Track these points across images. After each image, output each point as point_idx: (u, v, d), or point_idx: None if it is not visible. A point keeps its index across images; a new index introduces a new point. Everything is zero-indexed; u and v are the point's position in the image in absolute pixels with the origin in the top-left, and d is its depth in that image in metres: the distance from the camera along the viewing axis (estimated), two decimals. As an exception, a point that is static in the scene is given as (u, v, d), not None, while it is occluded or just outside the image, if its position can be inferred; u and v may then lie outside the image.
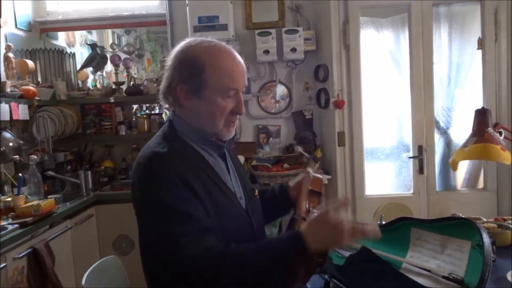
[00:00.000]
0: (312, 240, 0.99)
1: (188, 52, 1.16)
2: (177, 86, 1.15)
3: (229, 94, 1.15)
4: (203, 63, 1.12)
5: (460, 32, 2.98)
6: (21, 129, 3.00)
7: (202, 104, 1.15)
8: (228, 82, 1.14)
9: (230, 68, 1.15)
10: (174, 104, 1.20)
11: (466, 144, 1.68)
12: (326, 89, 3.02)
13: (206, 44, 1.17)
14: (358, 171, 2.95)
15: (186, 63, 1.14)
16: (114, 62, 3.47)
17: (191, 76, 1.13)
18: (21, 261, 2.08)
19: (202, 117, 1.16)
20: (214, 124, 1.17)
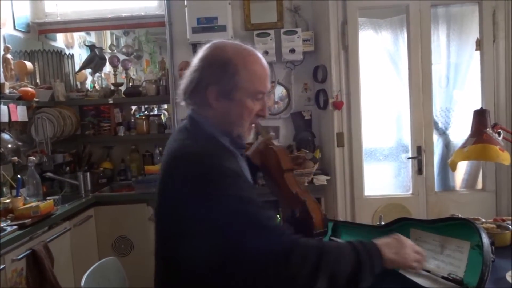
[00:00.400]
0: (388, 255, 1.09)
1: (221, 54, 1.16)
2: (207, 87, 1.15)
3: (258, 97, 1.18)
4: (236, 66, 1.14)
5: (459, 33, 2.98)
6: (19, 130, 2.99)
7: (231, 105, 1.16)
8: (258, 86, 1.17)
9: (260, 72, 1.17)
10: (200, 104, 1.19)
11: (465, 145, 1.68)
12: (325, 90, 3.03)
13: (238, 47, 1.18)
14: (357, 172, 2.95)
15: (218, 65, 1.15)
16: (112, 63, 3.47)
17: (224, 77, 1.14)
18: (20, 263, 2.07)
19: (230, 118, 1.18)
20: (241, 126, 1.19)
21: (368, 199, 2.96)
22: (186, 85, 1.20)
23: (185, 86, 1.21)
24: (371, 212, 2.90)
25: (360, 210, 2.94)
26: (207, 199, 1.03)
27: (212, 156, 1.09)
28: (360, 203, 2.95)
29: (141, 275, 2.92)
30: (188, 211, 1.05)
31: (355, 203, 2.95)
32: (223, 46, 1.18)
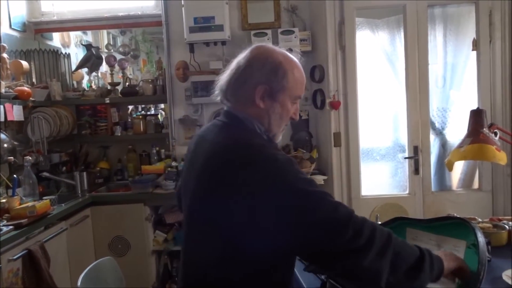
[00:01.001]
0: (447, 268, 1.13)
1: (272, 57, 1.21)
2: (257, 86, 1.19)
3: (296, 101, 1.26)
4: (286, 69, 1.21)
5: (455, 33, 2.99)
6: (15, 130, 2.98)
7: (274, 105, 1.22)
8: (299, 90, 1.25)
9: (301, 78, 1.25)
10: (243, 102, 1.22)
11: (461, 145, 1.69)
12: (322, 90, 3.03)
13: (284, 53, 1.25)
14: (354, 172, 2.96)
15: (270, 66, 1.20)
16: (109, 63, 3.46)
17: (274, 79, 1.19)
18: (16, 263, 2.07)
19: (271, 118, 1.23)
20: (279, 126, 1.25)
21: (365, 198, 2.97)
22: (232, 82, 1.23)
23: (231, 83, 1.23)
24: (368, 212, 2.90)
25: (357, 210, 2.87)
26: (281, 184, 1.04)
27: (269, 147, 1.14)
28: (357, 203, 2.95)
29: (138, 275, 2.93)
30: (258, 198, 1.03)
31: (352, 203, 2.95)
32: (273, 50, 1.24)
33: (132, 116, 3.65)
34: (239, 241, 1.07)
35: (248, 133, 1.20)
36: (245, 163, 1.07)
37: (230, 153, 1.11)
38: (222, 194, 1.08)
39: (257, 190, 1.04)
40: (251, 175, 1.05)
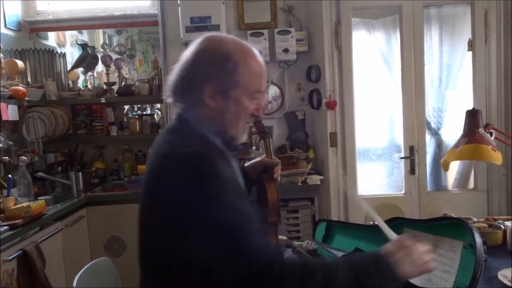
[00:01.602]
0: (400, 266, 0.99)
1: (219, 48, 1.08)
2: (204, 84, 1.07)
3: (255, 96, 1.11)
4: (236, 62, 1.06)
5: (451, 33, 3.00)
6: (10, 130, 2.96)
7: (228, 104, 1.08)
8: (257, 84, 1.10)
9: (259, 70, 1.11)
10: (193, 103, 1.10)
11: (457, 145, 1.70)
12: (319, 90, 3.03)
13: (237, 42, 1.10)
14: (350, 171, 2.96)
15: (217, 60, 1.06)
16: (105, 63, 3.45)
17: (222, 74, 1.06)
18: (11, 264, 2.05)
19: (225, 118, 1.09)
20: (236, 126, 1.12)
21: (361, 198, 2.97)
22: (177, 81, 1.11)
23: (176, 83, 1.11)
24: (364, 212, 2.88)
25: (353, 210, 2.95)
26: (197, 202, 0.97)
27: (205, 157, 1.00)
28: (353, 202, 2.95)
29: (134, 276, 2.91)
30: (177, 211, 0.98)
31: (348, 203, 2.96)
32: (222, 40, 1.10)
33: (128, 116, 3.63)
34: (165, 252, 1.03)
35: (192, 140, 1.06)
36: (177, 176, 0.98)
37: (167, 165, 1.02)
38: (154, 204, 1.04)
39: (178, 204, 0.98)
40: (178, 188, 0.98)
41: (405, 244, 1.02)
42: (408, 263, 0.99)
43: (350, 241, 1.63)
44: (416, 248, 1.01)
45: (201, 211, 0.96)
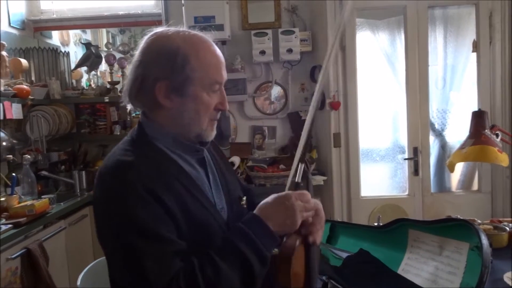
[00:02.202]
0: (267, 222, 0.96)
1: (166, 43, 1.00)
2: (155, 84, 1.00)
3: (214, 89, 1.04)
4: (186, 55, 0.99)
5: (455, 34, 2.99)
6: (14, 128, 2.97)
7: (185, 101, 1.01)
8: (214, 75, 1.02)
9: (215, 60, 1.03)
10: (150, 106, 1.04)
11: (463, 146, 1.69)
12: (322, 90, 3.02)
13: (185, 34, 1.02)
14: (354, 172, 2.96)
15: (164, 56, 0.99)
16: (108, 62, 3.45)
17: (173, 70, 0.99)
18: (15, 262, 2.05)
19: (185, 117, 1.02)
20: (199, 123, 1.04)
21: (364, 199, 2.97)
22: (130, 85, 1.04)
23: (129, 87, 1.05)
24: (367, 213, 2.91)
25: (356, 211, 2.94)
26: (101, 219, 0.98)
27: (117, 169, 0.96)
28: (357, 203, 2.95)
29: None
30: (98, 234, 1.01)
31: (352, 204, 2.95)
32: (167, 34, 1.02)
33: (131, 115, 3.63)
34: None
35: (131, 147, 1.03)
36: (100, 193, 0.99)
37: (98, 177, 1.01)
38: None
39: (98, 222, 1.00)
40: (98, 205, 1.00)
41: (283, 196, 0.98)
42: (278, 216, 0.96)
43: (354, 242, 1.63)
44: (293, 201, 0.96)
45: (103, 229, 0.98)
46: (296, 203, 0.96)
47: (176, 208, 0.96)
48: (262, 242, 0.93)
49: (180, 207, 0.97)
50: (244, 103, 3.20)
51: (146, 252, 0.89)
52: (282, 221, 0.96)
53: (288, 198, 0.96)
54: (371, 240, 1.55)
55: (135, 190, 0.92)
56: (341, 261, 1.50)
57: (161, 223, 0.93)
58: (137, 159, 0.98)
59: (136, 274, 0.90)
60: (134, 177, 0.94)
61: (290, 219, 0.95)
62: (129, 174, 0.94)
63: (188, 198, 0.99)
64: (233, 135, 3.22)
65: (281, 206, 0.96)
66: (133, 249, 0.90)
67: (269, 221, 0.95)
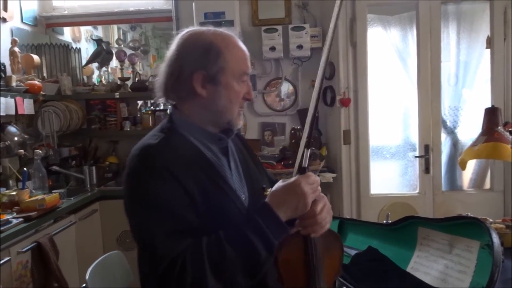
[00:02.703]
0: (278, 209, 1.00)
1: (200, 38, 1.11)
2: (192, 75, 1.10)
3: (243, 79, 1.14)
4: (219, 48, 1.09)
5: (469, 30, 2.95)
6: (26, 123, 3.00)
7: (219, 90, 1.10)
8: (243, 66, 1.13)
9: (241, 53, 1.14)
10: (186, 96, 1.13)
11: (475, 143, 1.66)
12: (332, 87, 3.00)
13: (215, 31, 1.14)
14: (364, 170, 2.93)
15: (200, 49, 1.10)
16: (119, 58, 3.47)
17: (208, 62, 1.09)
18: (25, 255, 2.08)
19: (219, 104, 1.11)
20: (231, 110, 1.13)
21: (374, 197, 2.94)
22: (166, 78, 1.14)
23: (165, 80, 1.14)
24: (377, 211, 2.88)
25: (365, 208, 2.92)
26: (127, 193, 1.08)
27: (146, 151, 1.06)
28: (366, 201, 2.93)
29: (145, 270, 2.93)
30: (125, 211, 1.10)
31: (361, 201, 2.93)
32: (201, 31, 1.14)
33: (142, 111, 3.65)
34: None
35: (158, 133, 1.12)
36: (127, 172, 1.09)
37: (128, 159, 1.10)
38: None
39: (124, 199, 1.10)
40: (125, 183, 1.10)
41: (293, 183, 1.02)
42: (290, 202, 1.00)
43: (363, 239, 1.61)
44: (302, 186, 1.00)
45: (127, 203, 1.08)
46: (305, 187, 1.00)
47: (194, 190, 1.03)
48: (271, 231, 0.98)
49: (198, 189, 1.04)
50: (253, 99, 3.19)
51: (158, 226, 0.98)
52: (294, 206, 1.01)
53: (298, 184, 1.01)
54: (380, 238, 1.54)
55: (155, 169, 1.02)
56: (349, 258, 1.49)
57: (176, 200, 1.01)
58: (161, 142, 1.08)
59: (148, 246, 1.00)
60: (156, 157, 1.04)
61: (302, 203, 1.00)
62: (151, 155, 1.05)
63: (207, 182, 1.06)
64: (242, 131, 3.22)
65: (291, 192, 1.01)
66: (147, 222, 1.00)
67: (281, 208, 1.00)
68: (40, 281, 2.15)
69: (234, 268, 0.95)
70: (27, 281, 2.08)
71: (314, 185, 1.03)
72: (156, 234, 0.98)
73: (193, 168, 1.06)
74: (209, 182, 1.07)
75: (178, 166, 1.03)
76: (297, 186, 1.00)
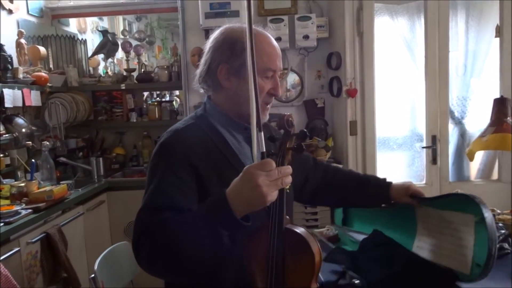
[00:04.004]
0: (234, 202, 0.94)
1: (230, 35, 1.18)
2: (218, 66, 1.17)
3: (267, 75, 1.17)
4: (244, 43, 1.11)
5: (478, 19, 2.90)
6: (33, 115, 3.02)
7: (241, 83, 1.14)
8: (266, 63, 1.16)
9: (268, 50, 1.17)
10: (213, 86, 1.21)
11: (483, 134, 1.65)
12: (339, 77, 2.98)
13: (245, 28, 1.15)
14: (370, 161, 2.92)
15: (227, 43, 1.17)
16: (125, 49, 3.47)
17: (232, 56, 1.15)
18: (35, 246, 2.11)
19: (241, 97, 1.15)
20: (244, 102, 1.13)
21: (380, 188, 2.93)
22: (201, 69, 1.23)
23: (200, 70, 1.24)
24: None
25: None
26: (149, 165, 1.16)
27: (172, 133, 1.15)
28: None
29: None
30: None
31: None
32: (232, 28, 1.20)
33: (147, 102, 3.66)
34: None
35: (188, 119, 1.21)
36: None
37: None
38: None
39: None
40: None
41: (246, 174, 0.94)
42: (244, 197, 0.93)
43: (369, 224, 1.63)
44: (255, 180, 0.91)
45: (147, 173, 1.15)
46: (259, 180, 0.90)
47: (211, 173, 1.10)
48: (224, 224, 0.95)
49: (216, 172, 1.10)
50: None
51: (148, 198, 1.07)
52: (249, 199, 0.93)
53: (249, 174, 0.92)
54: (384, 221, 1.56)
55: (171, 150, 1.11)
56: (357, 244, 1.51)
57: (174, 182, 1.07)
58: (187, 127, 1.17)
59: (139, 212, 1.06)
60: (176, 140, 1.13)
61: (257, 196, 0.91)
62: (173, 137, 1.14)
63: (227, 168, 1.12)
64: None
65: (245, 183, 0.93)
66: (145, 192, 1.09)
67: (237, 201, 0.94)
68: (50, 271, 2.18)
69: (188, 253, 0.97)
70: (36, 271, 2.11)
71: (271, 172, 0.92)
72: (144, 203, 1.07)
73: (214, 153, 1.13)
74: (228, 167, 1.12)
75: (195, 150, 1.11)
76: (249, 176, 0.92)
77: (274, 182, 0.92)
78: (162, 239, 0.98)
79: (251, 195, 0.92)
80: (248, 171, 0.93)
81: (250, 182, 0.91)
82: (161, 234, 0.98)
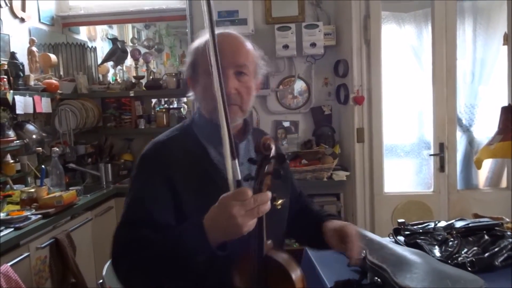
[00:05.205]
0: (211, 230, 0.90)
1: (190, 48, 1.21)
2: (186, 79, 1.21)
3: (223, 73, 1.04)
4: (197, 48, 1.16)
5: (485, 27, 2.90)
6: (44, 121, 3.06)
7: (198, 88, 1.15)
8: (210, 61, 0.98)
9: (221, 46, 1.02)
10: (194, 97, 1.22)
11: (491, 142, 1.64)
12: (346, 85, 2.99)
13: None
14: (377, 168, 2.91)
15: (188, 54, 1.20)
16: (134, 57, 3.51)
17: (190, 63, 1.17)
18: (44, 251, 2.13)
19: (201, 102, 1.17)
20: (206, 107, 1.15)
21: (388, 195, 2.92)
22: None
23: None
24: (390, 209, 2.87)
25: (379, 207, 2.90)
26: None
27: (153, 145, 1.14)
28: (380, 199, 2.91)
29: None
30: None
31: (375, 200, 2.91)
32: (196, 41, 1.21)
33: (156, 109, 3.69)
34: None
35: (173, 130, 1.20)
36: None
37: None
38: None
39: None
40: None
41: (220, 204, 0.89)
42: (220, 226, 0.89)
43: None
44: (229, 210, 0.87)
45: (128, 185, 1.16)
46: (233, 210, 0.86)
47: (189, 188, 1.06)
48: (198, 250, 0.92)
49: (194, 187, 1.06)
50: (267, 97, 3.20)
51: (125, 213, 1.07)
52: (224, 228, 0.89)
53: (224, 207, 0.88)
54: None
55: (149, 163, 1.10)
56: None
57: (152, 196, 1.05)
58: (169, 139, 1.15)
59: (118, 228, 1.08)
60: (154, 153, 1.11)
61: (231, 226, 0.87)
62: (152, 150, 1.13)
63: (204, 179, 1.08)
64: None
65: (221, 215, 0.89)
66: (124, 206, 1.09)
67: (212, 229, 0.90)
68: (58, 276, 2.20)
69: (161, 276, 0.96)
70: (45, 276, 2.13)
71: (246, 202, 0.86)
72: (122, 219, 1.07)
73: (192, 167, 1.09)
74: (208, 182, 1.07)
75: (175, 164, 1.08)
76: (223, 207, 0.88)
77: (249, 212, 0.87)
78: (138, 259, 0.99)
79: (226, 225, 0.87)
80: (222, 201, 0.89)
81: (224, 213, 0.87)
82: (137, 254, 0.99)
